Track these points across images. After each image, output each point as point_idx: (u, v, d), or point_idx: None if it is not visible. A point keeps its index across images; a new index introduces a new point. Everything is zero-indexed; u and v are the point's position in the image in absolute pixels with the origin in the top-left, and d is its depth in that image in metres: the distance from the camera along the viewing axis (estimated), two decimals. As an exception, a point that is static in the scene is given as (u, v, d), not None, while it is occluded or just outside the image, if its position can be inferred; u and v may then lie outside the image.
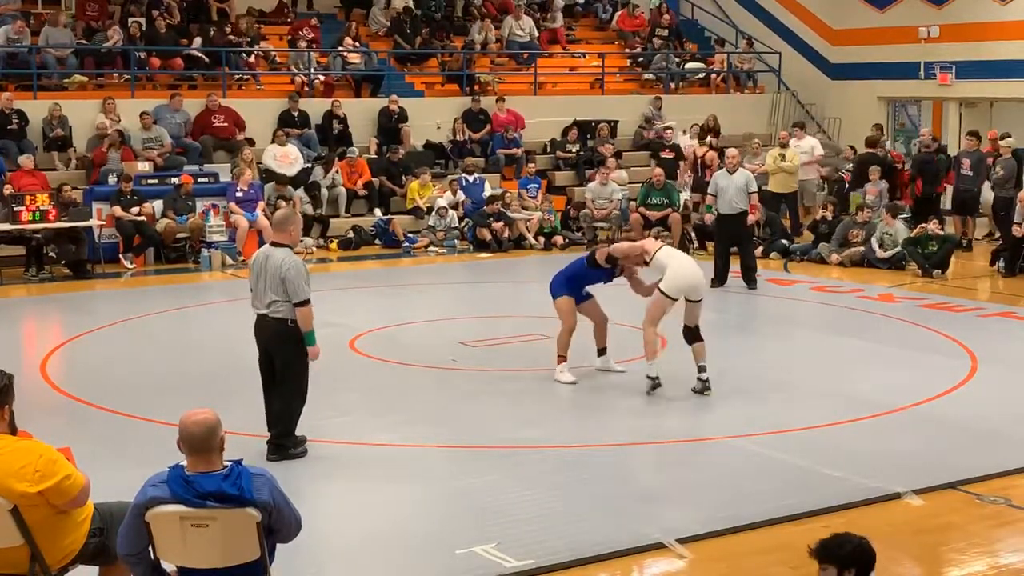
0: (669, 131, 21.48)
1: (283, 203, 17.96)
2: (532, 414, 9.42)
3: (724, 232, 15.05)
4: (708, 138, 20.69)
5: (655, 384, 9.71)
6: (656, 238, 10.51)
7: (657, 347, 9.71)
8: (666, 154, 20.96)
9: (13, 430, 5.16)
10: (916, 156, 19.31)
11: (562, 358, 10.23)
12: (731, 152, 15.25)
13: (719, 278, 14.95)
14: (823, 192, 20.68)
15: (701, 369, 9.81)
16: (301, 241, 17.86)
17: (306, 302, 7.93)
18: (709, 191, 15.33)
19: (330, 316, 12.87)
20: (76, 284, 15.54)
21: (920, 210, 18.41)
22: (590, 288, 10.40)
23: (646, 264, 9.94)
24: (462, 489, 7.61)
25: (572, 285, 10.27)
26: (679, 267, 9.67)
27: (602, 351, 10.53)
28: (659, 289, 9.63)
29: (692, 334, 9.80)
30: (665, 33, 24.62)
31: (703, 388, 9.78)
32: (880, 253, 16.60)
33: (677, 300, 9.63)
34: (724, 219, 14.88)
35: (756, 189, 15.08)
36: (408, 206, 19.48)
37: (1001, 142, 18.38)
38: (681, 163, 20.47)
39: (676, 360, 10.09)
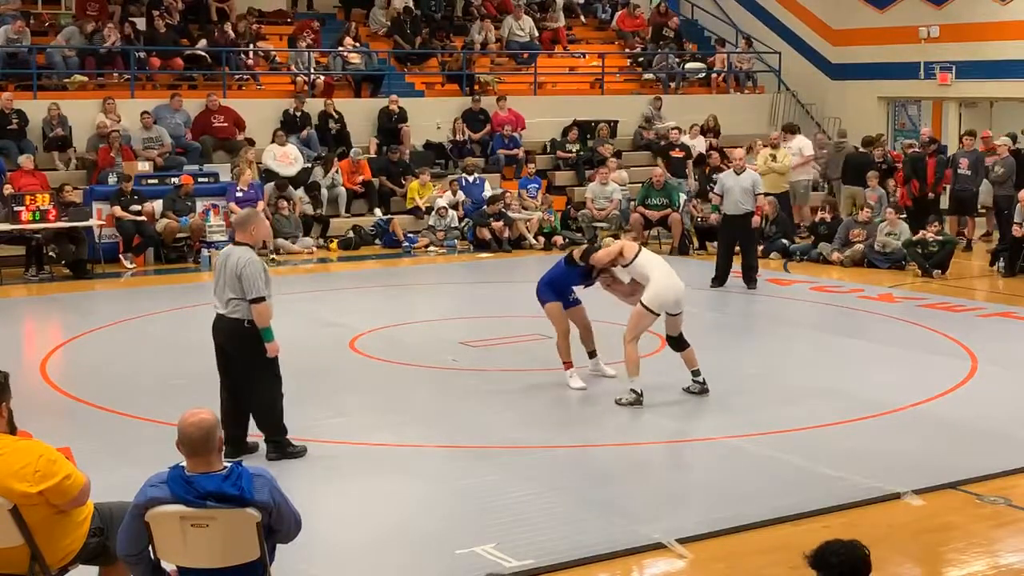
0: (675, 132, 21.42)
1: (284, 203, 18.04)
2: (532, 414, 9.41)
3: (729, 232, 15.04)
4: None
5: (638, 399, 9.46)
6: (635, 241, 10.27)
7: (638, 362, 9.51)
8: (676, 153, 20.91)
9: (12, 429, 5.16)
10: (910, 155, 19.26)
11: (568, 364, 10.13)
12: (737, 153, 15.27)
13: (720, 278, 14.96)
14: (822, 191, 20.63)
15: (695, 374, 9.77)
16: (299, 240, 18.00)
17: (261, 299, 7.84)
18: (715, 191, 15.33)
19: (330, 316, 12.91)
20: (76, 284, 15.53)
21: (918, 211, 18.37)
22: (578, 293, 10.30)
23: (623, 266, 9.72)
24: (462, 489, 7.61)
25: (556, 288, 10.17)
26: (663, 282, 9.49)
27: (592, 353, 10.41)
28: (642, 303, 9.48)
29: (677, 342, 9.76)
30: (672, 35, 24.58)
31: (700, 390, 9.75)
32: (887, 244, 16.61)
33: (659, 315, 9.54)
34: (729, 219, 14.88)
35: (762, 190, 15.12)
36: (408, 206, 19.48)
37: (997, 141, 18.37)
38: (689, 162, 20.49)
39: (673, 360, 10.06)
